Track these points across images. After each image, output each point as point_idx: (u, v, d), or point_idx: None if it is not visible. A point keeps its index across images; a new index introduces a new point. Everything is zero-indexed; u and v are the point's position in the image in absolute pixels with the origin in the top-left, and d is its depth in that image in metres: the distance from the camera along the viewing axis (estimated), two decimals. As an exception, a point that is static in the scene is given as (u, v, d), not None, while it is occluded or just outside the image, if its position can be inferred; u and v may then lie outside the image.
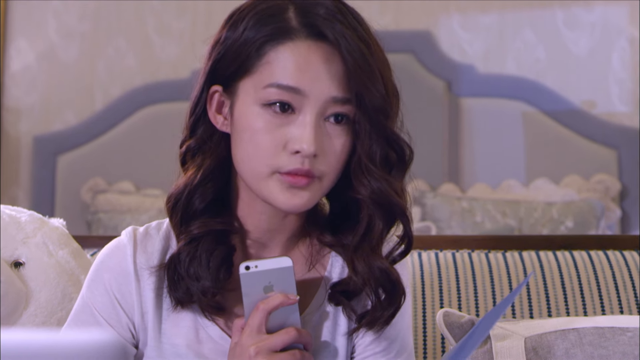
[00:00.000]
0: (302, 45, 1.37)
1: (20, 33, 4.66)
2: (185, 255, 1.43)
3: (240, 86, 1.41)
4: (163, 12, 4.57)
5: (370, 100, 1.37)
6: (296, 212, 1.42)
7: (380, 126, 1.39)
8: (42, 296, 1.80)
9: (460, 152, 4.42)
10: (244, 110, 1.40)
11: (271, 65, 1.37)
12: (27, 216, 1.88)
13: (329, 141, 1.38)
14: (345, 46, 1.36)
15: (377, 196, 1.40)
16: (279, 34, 1.38)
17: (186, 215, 1.45)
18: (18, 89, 4.65)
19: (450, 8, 4.52)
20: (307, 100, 1.36)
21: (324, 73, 1.36)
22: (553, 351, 1.63)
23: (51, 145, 4.60)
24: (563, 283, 1.96)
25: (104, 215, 4.25)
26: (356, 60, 1.36)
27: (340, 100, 1.37)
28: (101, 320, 1.46)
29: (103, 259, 1.50)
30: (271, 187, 1.38)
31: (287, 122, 1.37)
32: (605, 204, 4.14)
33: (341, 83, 1.37)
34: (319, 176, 1.39)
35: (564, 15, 4.45)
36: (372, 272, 1.43)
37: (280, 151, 1.37)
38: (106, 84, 4.64)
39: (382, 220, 1.42)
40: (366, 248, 1.43)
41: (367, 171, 1.40)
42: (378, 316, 1.45)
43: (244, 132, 1.39)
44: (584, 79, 4.41)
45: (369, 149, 1.40)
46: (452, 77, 4.46)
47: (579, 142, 4.32)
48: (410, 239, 1.46)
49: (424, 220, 4.05)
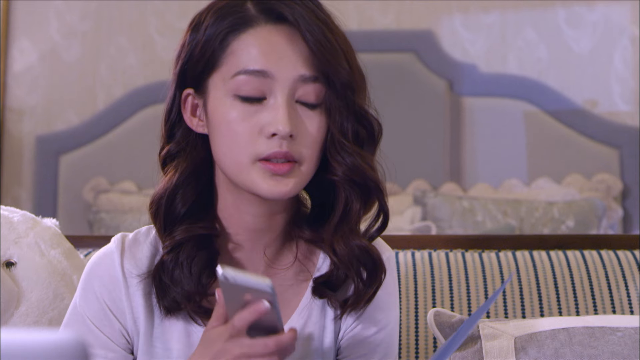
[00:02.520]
0: (263, 30, 1.41)
1: (23, 33, 4.67)
2: (169, 262, 1.44)
3: (210, 83, 1.43)
4: (165, 11, 4.57)
5: (336, 76, 1.40)
6: (280, 199, 1.42)
7: (349, 102, 1.42)
8: (33, 296, 1.80)
9: (462, 152, 4.42)
10: (216, 104, 1.41)
11: (236, 55, 1.40)
12: (20, 216, 1.88)
13: (303, 124, 1.40)
14: (305, 26, 1.39)
15: (352, 172, 1.42)
16: (240, 24, 1.41)
17: (169, 219, 1.46)
18: (20, 89, 4.66)
19: (452, 7, 4.52)
20: (275, 82, 1.39)
21: (288, 53, 1.40)
22: (543, 351, 1.63)
23: (53, 145, 4.61)
24: (556, 283, 1.96)
25: (105, 215, 4.26)
26: (317, 39, 1.39)
27: (308, 79, 1.40)
28: (93, 328, 1.47)
29: (92, 267, 1.50)
30: (254, 177, 1.39)
31: (260, 109, 1.39)
32: (607, 204, 4.13)
33: (307, 62, 1.40)
34: (299, 160, 1.40)
35: (565, 14, 4.45)
36: (352, 251, 1.44)
37: (257, 137, 1.39)
38: (108, 83, 4.65)
39: (358, 199, 1.44)
40: (345, 229, 1.44)
41: (341, 147, 1.42)
42: (361, 296, 1.46)
43: (220, 126, 1.41)
44: (585, 78, 4.40)
45: (340, 125, 1.42)
46: (454, 76, 4.46)
47: (580, 141, 4.31)
48: (386, 214, 1.47)
49: (424, 220, 4.05)
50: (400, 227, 3.99)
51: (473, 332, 1.70)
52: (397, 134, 4.35)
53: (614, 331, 1.65)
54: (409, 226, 4.00)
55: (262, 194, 1.40)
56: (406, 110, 4.41)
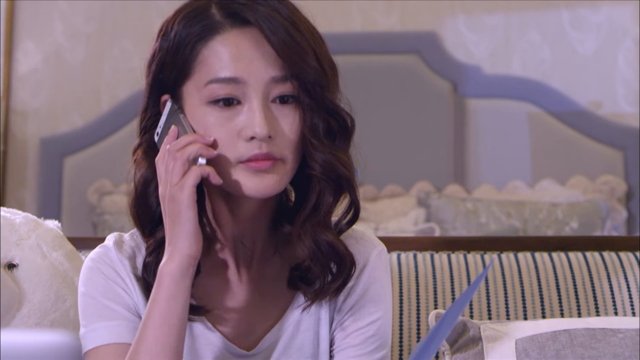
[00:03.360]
0: (230, 35, 1.42)
1: (27, 35, 4.67)
2: (150, 263, 1.46)
3: (184, 90, 1.44)
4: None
5: (304, 75, 1.42)
6: (266, 196, 1.43)
7: (319, 99, 1.43)
8: (35, 298, 1.80)
9: (465, 153, 4.42)
10: (193, 112, 1.43)
11: (206, 63, 1.42)
12: (22, 218, 1.89)
13: (280, 123, 1.42)
14: (268, 27, 1.41)
15: (325, 169, 1.44)
16: (207, 31, 1.42)
17: (145, 215, 1.48)
18: (25, 91, 4.66)
19: (455, 9, 4.52)
20: (248, 87, 1.40)
21: (257, 57, 1.41)
22: (544, 352, 1.63)
23: (58, 147, 4.61)
24: (558, 284, 1.96)
25: (109, 217, 4.26)
26: (282, 39, 1.41)
27: (280, 79, 1.41)
28: (105, 301, 1.48)
29: (92, 261, 1.51)
30: (238, 177, 1.41)
31: (236, 113, 1.41)
32: (611, 205, 4.13)
33: (276, 63, 1.41)
34: (281, 158, 1.42)
35: (569, 15, 4.44)
36: (320, 246, 1.46)
37: (237, 141, 1.40)
38: (113, 85, 4.65)
39: (331, 193, 1.46)
40: (313, 221, 1.46)
41: (312, 145, 1.44)
42: (327, 287, 1.48)
43: (199, 130, 1.42)
44: (589, 80, 4.40)
45: (310, 123, 1.44)
46: (458, 78, 4.45)
47: (584, 142, 4.31)
48: (357, 207, 1.49)
49: (428, 222, 4.05)
50: (404, 228, 4.00)
51: (474, 334, 1.70)
52: (401, 135, 4.36)
53: (615, 333, 1.65)
54: (413, 228, 4.00)
55: (248, 193, 1.41)
56: (410, 111, 4.41)
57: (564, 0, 4.45)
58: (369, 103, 4.16)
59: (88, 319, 1.48)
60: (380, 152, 4.18)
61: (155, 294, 1.40)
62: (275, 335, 1.51)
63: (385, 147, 4.27)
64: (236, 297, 1.51)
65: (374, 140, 4.13)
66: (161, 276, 1.39)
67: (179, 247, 1.38)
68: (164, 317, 1.39)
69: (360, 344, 1.51)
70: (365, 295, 1.51)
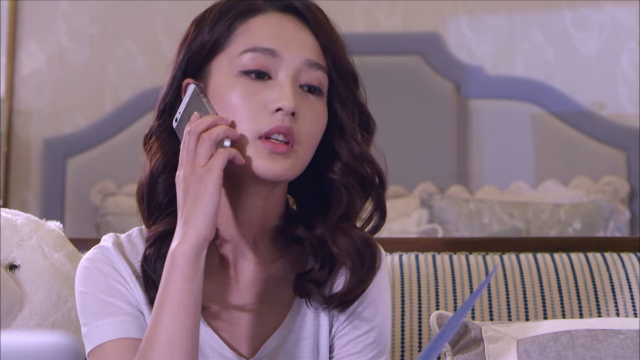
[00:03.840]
0: (273, 16, 1.45)
1: (30, 36, 4.68)
2: (151, 255, 1.44)
3: (212, 65, 1.44)
4: (172, 14, 4.57)
5: (342, 66, 1.45)
6: (276, 179, 1.42)
7: (352, 93, 1.47)
8: (36, 299, 1.81)
9: (468, 154, 4.42)
10: (219, 83, 1.43)
11: (244, 36, 1.43)
12: (23, 219, 1.89)
13: (304, 108, 1.42)
14: (311, 17, 1.45)
15: (356, 161, 1.46)
16: (248, 11, 1.45)
17: (152, 208, 1.47)
18: (28, 92, 4.67)
19: (458, 9, 4.52)
20: (282, 63, 1.42)
21: (296, 38, 1.44)
22: (545, 353, 1.63)
23: (61, 148, 4.62)
24: (559, 285, 1.96)
25: (112, 218, 4.27)
26: (325, 30, 1.45)
27: (314, 65, 1.43)
28: (106, 298, 1.45)
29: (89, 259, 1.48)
30: (252, 154, 1.40)
31: (264, 87, 1.41)
32: (614, 206, 4.13)
33: (313, 49, 1.44)
34: (298, 140, 1.41)
35: (572, 16, 4.44)
36: (354, 242, 1.46)
37: (261, 113, 1.40)
38: (116, 86, 4.66)
39: (358, 195, 1.47)
40: (346, 225, 1.46)
41: (349, 134, 1.47)
42: (352, 289, 1.46)
43: (222, 103, 1.42)
44: (592, 81, 4.40)
45: (344, 115, 1.47)
46: (461, 78, 4.46)
47: (587, 143, 4.31)
48: (382, 210, 1.50)
49: (431, 223, 4.05)
50: (406, 229, 3.99)
51: (475, 335, 1.70)
52: (404, 136, 4.36)
53: (617, 334, 1.65)
54: (416, 229, 4.00)
55: (259, 172, 1.40)
56: (413, 112, 4.42)
57: (567, 1, 4.45)
58: (372, 104, 4.15)
59: (90, 317, 1.45)
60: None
61: (169, 276, 1.35)
62: (276, 341, 1.49)
63: (388, 148, 4.24)
64: (236, 297, 1.50)
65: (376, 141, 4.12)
66: (174, 258, 1.35)
67: (195, 227, 1.35)
68: (180, 299, 1.34)
69: (360, 351, 1.50)
70: (363, 301, 1.50)
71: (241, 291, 1.50)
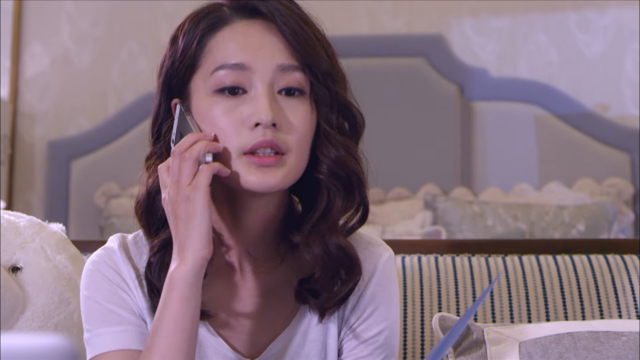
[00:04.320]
0: (239, 25, 1.43)
1: (34, 38, 4.69)
2: (155, 264, 1.45)
3: (191, 86, 1.44)
4: (176, 16, 4.55)
5: (316, 66, 1.41)
6: (269, 192, 1.41)
7: (331, 92, 1.43)
8: (39, 301, 1.81)
9: (472, 156, 4.42)
10: (199, 104, 1.42)
11: (213, 53, 1.42)
12: (26, 221, 1.89)
13: (286, 115, 1.41)
14: (280, 18, 1.41)
15: (336, 165, 1.43)
16: (215, 24, 1.43)
17: (152, 221, 1.46)
18: (32, 95, 4.68)
19: (462, 11, 4.52)
20: (254, 74, 1.40)
21: (265, 45, 1.41)
22: (547, 355, 1.63)
23: (65, 151, 4.63)
24: (562, 287, 1.96)
25: (116, 220, 4.27)
26: (293, 29, 1.41)
27: (288, 68, 1.41)
28: (109, 306, 1.45)
29: (94, 262, 1.49)
30: (240, 170, 1.39)
31: (241, 102, 1.40)
32: (618, 208, 4.12)
33: (284, 52, 1.41)
34: (285, 151, 1.40)
35: (576, 18, 4.44)
36: (329, 251, 1.44)
37: (241, 129, 1.39)
38: (120, 89, 4.67)
39: (341, 196, 1.44)
40: (323, 227, 1.44)
41: (327, 137, 1.43)
42: (333, 296, 1.46)
43: (204, 124, 1.41)
44: (596, 82, 4.40)
45: (325, 115, 1.43)
46: (465, 81, 4.46)
47: (591, 145, 4.31)
48: (365, 207, 1.47)
49: (435, 224, 4.05)
50: (410, 231, 3.99)
51: (478, 337, 1.70)
52: (408, 138, 4.36)
53: (619, 336, 1.64)
54: (419, 230, 4.00)
55: (250, 188, 1.39)
56: (417, 114, 4.42)
57: (571, 1, 4.45)
58: (376, 106, 4.16)
59: (92, 324, 1.46)
60: (387, 155, 4.18)
61: (167, 298, 1.37)
62: (281, 344, 1.49)
63: (392, 150, 4.27)
64: (241, 303, 1.50)
65: (380, 143, 4.13)
66: (173, 281, 1.37)
67: (193, 249, 1.36)
68: (177, 321, 1.36)
69: (369, 354, 1.49)
70: (372, 303, 1.49)
71: (246, 294, 1.50)
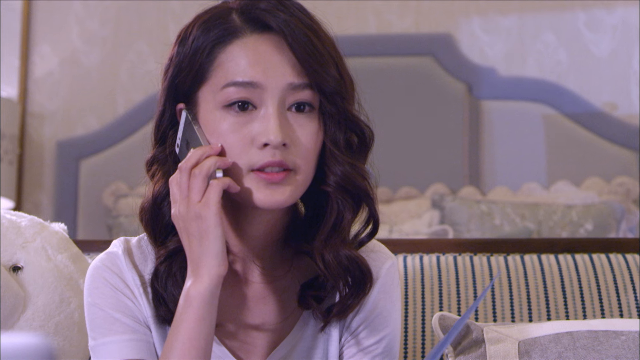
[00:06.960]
0: (249, 40, 1.40)
1: (43, 39, 4.70)
2: (162, 272, 1.44)
3: (199, 96, 1.42)
4: (184, 16, 4.56)
5: (325, 84, 1.40)
6: (277, 208, 1.41)
7: (340, 109, 1.41)
8: (39, 300, 1.81)
9: (480, 155, 4.41)
10: (207, 117, 1.41)
11: (223, 67, 1.40)
12: (27, 221, 1.90)
13: (295, 132, 1.40)
14: (290, 34, 1.39)
15: (343, 181, 1.42)
16: (226, 35, 1.41)
17: (158, 228, 1.46)
18: (41, 95, 4.69)
19: (470, 10, 4.51)
20: (265, 92, 1.38)
21: (276, 63, 1.39)
22: (546, 355, 1.63)
23: (74, 150, 4.63)
24: (563, 286, 1.95)
25: (125, 220, 4.27)
26: (304, 47, 1.39)
27: (298, 86, 1.39)
28: (114, 314, 1.45)
29: (97, 267, 1.48)
30: (249, 186, 1.38)
31: (251, 119, 1.39)
32: (626, 207, 4.11)
33: (295, 69, 1.39)
34: (294, 169, 1.39)
35: (585, 16, 4.43)
36: (341, 261, 1.43)
37: (250, 148, 1.38)
38: (128, 88, 4.67)
39: (350, 209, 1.44)
40: (336, 239, 1.43)
41: (332, 156, 1.42)
42: (346, 305, 1.45)
43: (213, 136, 1.40)
44: (605, 81, 4.38)
45: (332, 134, 1.42)
46: (473, 79, 4.45)
47: (600, 144, 4.29)
48: (376, 220, 1.47)
49: (442, 224, 4.04)
50: (418, 230, 3.99)
51: (477, 336, 1.69)
52: (416, 137, 4.35)
53: (618, 335, 1.64)
54: (427, 229, 3.99)
55: (258, 204, 1.39)
56: (425, 114, 4.41)
57: (579, 1, 4.43)
58: (384, 105, 4.15)
59: (97, 332, 1.45)
60: (395, 154, 4.18)
61: (182, 315, 1.36)
62: (283, 351, 1.49)
63: (400, 149, 4.27)
64: (246, 311, 1.49)
65: (388, 143, 4.13)
66: (189, 298, 1.36)
67: (208, 267, 1.35)
68: (192, 339, 1.36)
69: None
70: (374, 310, 1.50)
71: (252, 305, 1.50)
